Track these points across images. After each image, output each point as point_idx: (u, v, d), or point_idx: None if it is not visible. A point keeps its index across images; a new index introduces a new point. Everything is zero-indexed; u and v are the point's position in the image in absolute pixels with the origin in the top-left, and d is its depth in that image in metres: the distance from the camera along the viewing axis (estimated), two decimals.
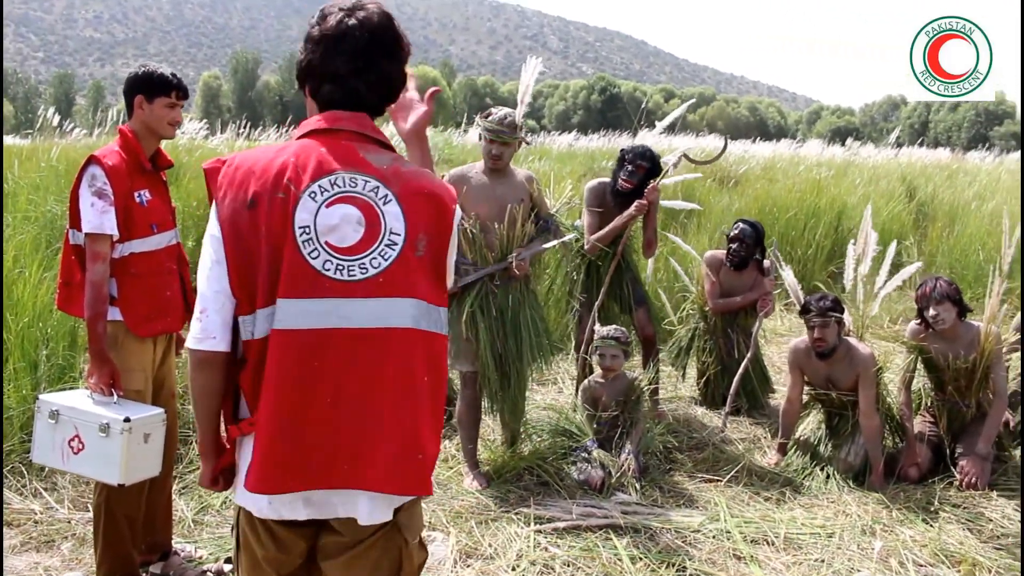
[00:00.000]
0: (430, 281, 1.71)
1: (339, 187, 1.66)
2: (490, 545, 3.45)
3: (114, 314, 2.88)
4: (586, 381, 4.60)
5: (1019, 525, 3.84)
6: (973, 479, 4.15)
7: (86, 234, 2.80)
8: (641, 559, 3.40)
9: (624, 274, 5.04)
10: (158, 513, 3.19)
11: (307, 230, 1.63)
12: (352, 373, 1.63)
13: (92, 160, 2.84)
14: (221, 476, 1.80)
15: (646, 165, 4.88)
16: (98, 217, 2.79)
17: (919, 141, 36.69)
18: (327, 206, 1.64)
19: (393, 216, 1.66)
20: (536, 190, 4.20)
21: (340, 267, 1.63)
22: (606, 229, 4.86)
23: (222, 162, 1.72)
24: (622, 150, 5.02)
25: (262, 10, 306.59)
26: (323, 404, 1.63)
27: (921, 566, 3.44)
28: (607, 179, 5.06)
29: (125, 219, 2.86)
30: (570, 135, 23.77)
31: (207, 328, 1.67)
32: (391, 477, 1.66)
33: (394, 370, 1.65)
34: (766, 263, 5.30)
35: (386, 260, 1.65)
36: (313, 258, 1.63)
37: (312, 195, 1.64)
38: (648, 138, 9.45)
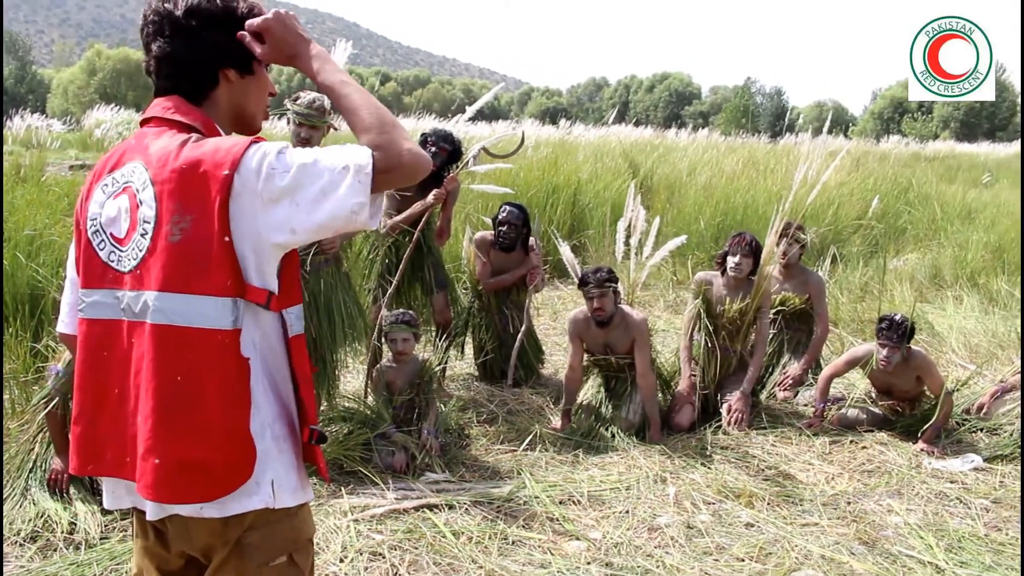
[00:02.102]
0: (196, 267, 1.51)
1: (124, 178, 1.61)
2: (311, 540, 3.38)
3: None
4: (378, 366, 4.60)
5: (777, 458, 4.38)
6: (739, 416, 4.68)
7: None
8: (463, 533, 3.50)
9: (426, 258, 5.08)
10: None
11: (95, 221, 1.63)
12: (130, 368, 1.59)
13: None
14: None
15: (448, 148, 4.95)
16: None
17: (623, 120, 39.58)
18: (113, 198, 1.61)
19: (147, 203, 1.55)
20: None
21: (120, 258, 1.59)
22: (404, 214, 4.87)
23: None
24: (423, 134, 5.05)
25: None
26: (112, 396, 1.61)
27: (711, 503, 3.84)
28: None
29: None
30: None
31: (61, 311, 1.81)
32: (152, 482, 1.54)
33: (153, 369, 1.53)
34: (532, 240, 5.54)
35: (140, 251, 1.56)
36: (101, 249, 1.62)
37: (104, 187, 1.64)
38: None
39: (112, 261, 1.60)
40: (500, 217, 5.49)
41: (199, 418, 1.54)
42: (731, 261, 4.86)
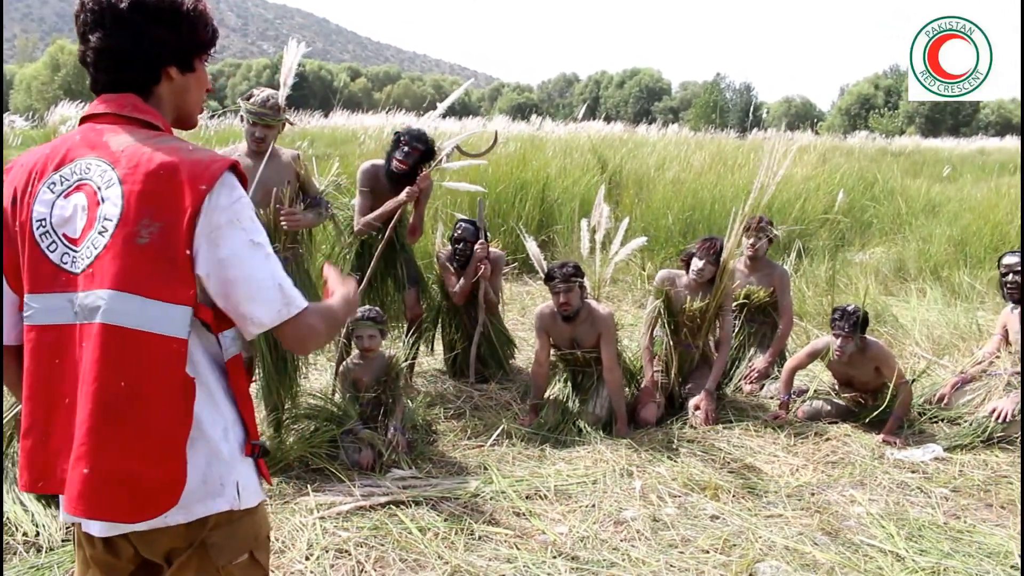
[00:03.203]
0: (158, 272, 1.48)
1: (76, 175, 1.55)
2: (277, 539, 3.36)
3: None
4: (345, 363, 4.58)
5: (743, 450, 4.41)
6: (707, 415, 4.71)
7: None
8: (430, 529, 3.49)
9: (398, 254, 5.07)
10: None
11: (44, 223, 1.54)
12: (80, 374, 1.52)
13: None
14: None
15: (421, 147, 4.93)
16: None
17: (593, 116, 39.72)
18: (65, 196, 1.55)
19: (111, 201, 1.50)
20: (303, 169, 4.10)
21: (74, 259, 1.53)
22: (377, 211, 4.86)
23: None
24: (397, 132, 5.03)
25: None
26: (63, 407, 1.53)
27: (676, 496, 3.86)
28: (381, 161, 5.04)
29: None
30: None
31: None
32: (76, 494, 1.47)
33: (96, 371, 1.47)
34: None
35: (96, 248, 1.50)
36: (51, 251, 1.54)
37: (52, 186, 1.56)
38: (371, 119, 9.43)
39: (65, 264, 1.53)
40: (455, 235, 5.47)
41: (138, 429, 1.48)
42: (695, 264, 4.88)
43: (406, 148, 4.93)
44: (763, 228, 5.57)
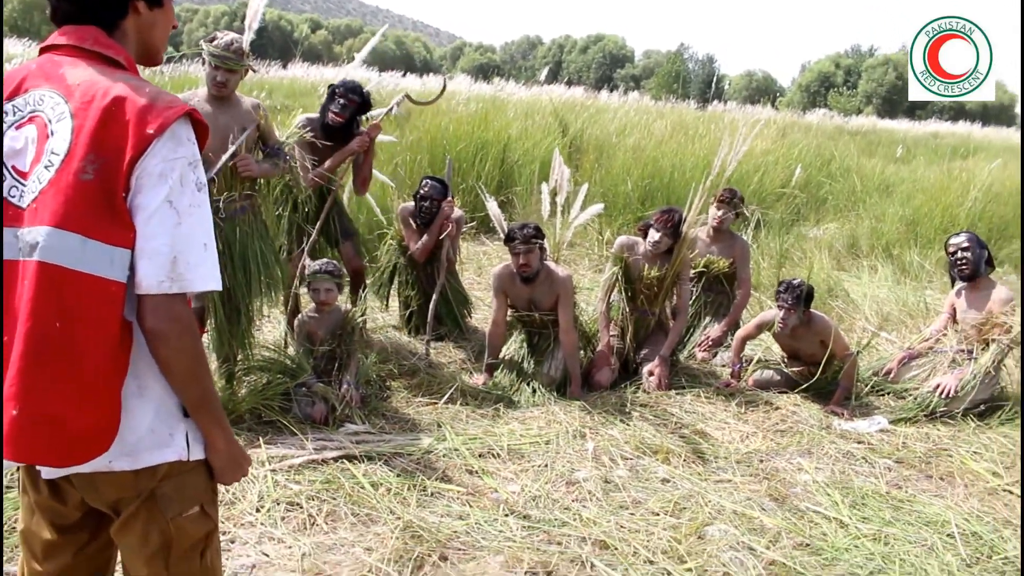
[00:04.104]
0: (98, 211, 1.42)
1: (30, 107, 1.50)
2: (227, 491, 3.32)
3: None
4: (299, 316, 4.52)
5: (694, 416, 4.47)
6: (659, 381, 4.75)
7: None
8: (382, 484, 3.48)
9: (330, 208, 4.98)
10: None
11: None
12: (21, 311, 1.46)
13: None
14: None
15: (357, 99, 4.83)
16: None
17: (555, 79, 39.47)
18: (16, 128, 1.49)
19: (60, 135, 1.45)
20: (264, 118, 4.00)
21: (22, 193, 1.47)
22: (327, 163, 4.76)
23: None
24: (331, 85, 4.92)
25: None
26: (10, 344, 1.46)
27: (628, 459, 3.90)
28: (315, 115, 4.93)
29: None
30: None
31: None
32: (6, 436, 1.43)
33: (31, 310, 1.41)
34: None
35: (41, 183, 1.44)
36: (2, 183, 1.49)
37: (4, 116, 1.50)
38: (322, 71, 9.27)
39: (13, 197, 1.47)
40: (422, 192, 5.36)
41: (70, 372, 1.43)
42: (652, 236, 4.87)
43: (342, 100, 4.83)
44: (732, 202, 5.60)
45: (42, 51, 1.59)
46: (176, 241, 1.46)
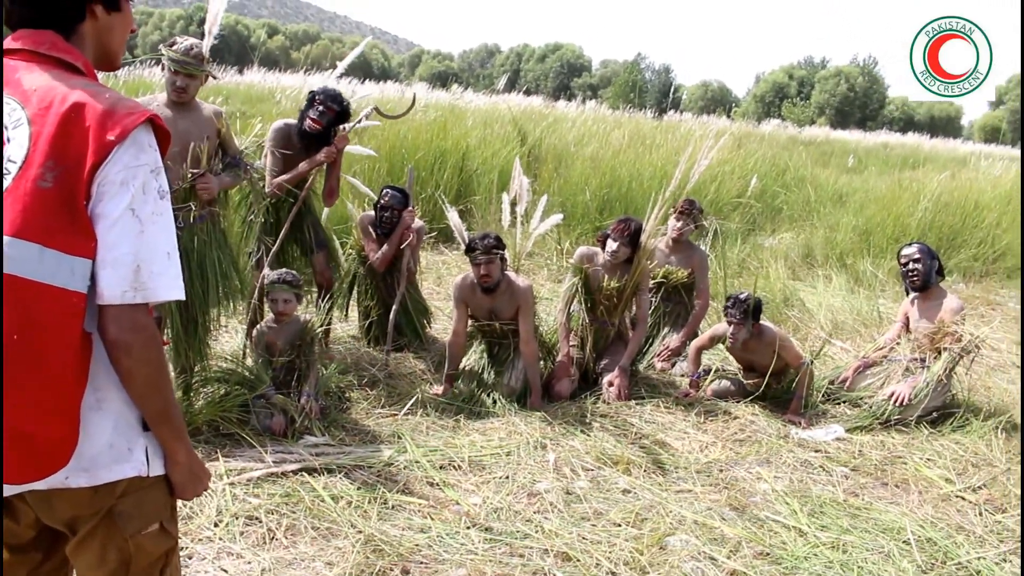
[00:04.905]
0: (57, 220, 1.39)
1: None
2: (185, 505, 3.27)
3: None
4: (258, 327, 4.47)
5: (654, 426, 4.49)
6: (619, 392, 4.77)
7: None
8: (343, 497, 3.45)
9: (305, 217, 4.93)
10: None
11: None
12: None
13: None
14: None
15: (336, 108, 4.80)
16: None
17: (513, 88, 39.63)
18: None
19: (16, 141, 1.41)
20: (224, 126, 3.95)
21: None
22: (291, 173, 4.71)
23: None
24: (311, 91, 4.88)
25: None
26: None
27: (589, 470, 3.90)
28: (293, 120, 4.88)
29: None
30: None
31: None
32: None
33: None
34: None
35: None
36: None
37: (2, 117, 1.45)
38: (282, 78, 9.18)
39: None
40: (382, 202, 5.35)
41: (29, 385, 1.38)
42: (610, 246, 4.90)
43: (321, 108, 4.80)
44: (692, 213, 5.65)
45: None
46: (139, 250, 1.43)
